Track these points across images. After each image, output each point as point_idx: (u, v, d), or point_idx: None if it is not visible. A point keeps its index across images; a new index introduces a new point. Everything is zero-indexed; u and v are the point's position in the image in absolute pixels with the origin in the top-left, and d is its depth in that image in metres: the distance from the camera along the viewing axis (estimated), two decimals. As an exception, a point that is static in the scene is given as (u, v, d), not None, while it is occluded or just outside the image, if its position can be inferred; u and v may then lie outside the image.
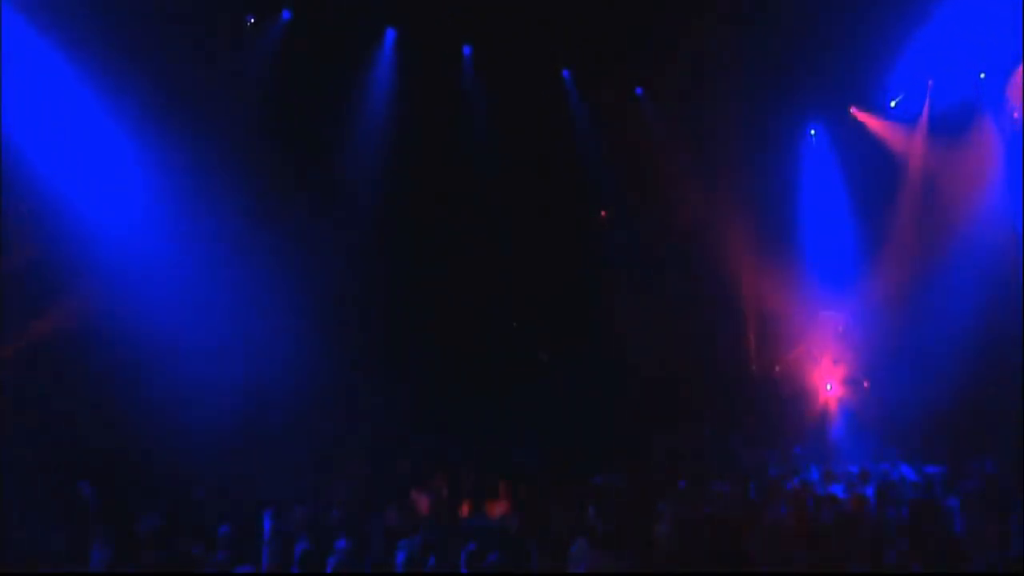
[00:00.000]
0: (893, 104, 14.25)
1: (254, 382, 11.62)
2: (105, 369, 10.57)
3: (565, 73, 14.69)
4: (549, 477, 10.51)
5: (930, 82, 13.75)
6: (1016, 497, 8.40)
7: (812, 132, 15.74)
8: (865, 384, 15.10)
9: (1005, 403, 12.16)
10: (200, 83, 11.32)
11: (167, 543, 6.62)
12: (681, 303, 15.00)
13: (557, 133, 14.44)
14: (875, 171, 14.54)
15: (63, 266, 10.38)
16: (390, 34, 13.36)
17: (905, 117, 14.32)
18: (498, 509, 9.19)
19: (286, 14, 12.52)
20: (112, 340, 10.67)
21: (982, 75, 13.52)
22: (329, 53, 12.45)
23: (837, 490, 9.52)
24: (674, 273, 15.16)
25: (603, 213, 15.88)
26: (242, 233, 11.73)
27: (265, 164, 12.13)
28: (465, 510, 9.43)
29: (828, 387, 15.47)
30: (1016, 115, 13.06)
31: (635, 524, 7.89)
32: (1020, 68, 12.26)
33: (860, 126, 14.92)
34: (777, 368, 15.90)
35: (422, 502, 9.39)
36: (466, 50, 13.93)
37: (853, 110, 14.95)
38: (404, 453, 11.72)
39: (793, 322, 15.73)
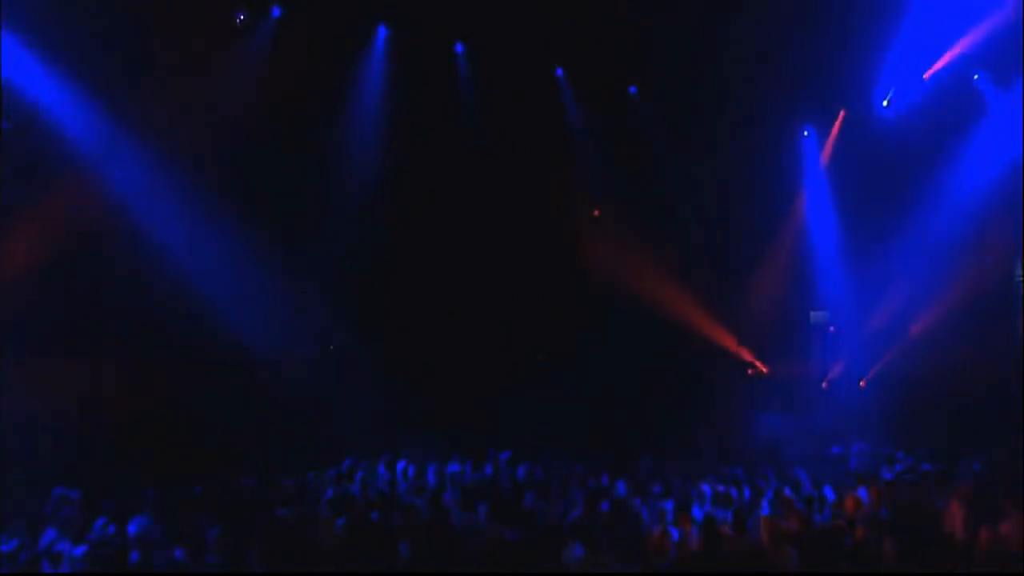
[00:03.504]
0: (885, 103, 14.25)
1: (251, 382, 11.80)
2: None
3: (558, 71, 14.65)
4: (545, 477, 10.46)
5: (925, 78, 13.74)
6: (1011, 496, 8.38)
7: (805, 133, 15.75)
8: (862, 383, 15.14)
9: (1003, 400, 12.27)
10: (190, 80, 11.25)
11: (153, 547, 6.54)
12: (678, 301, 15.01)
13: (550, 131, 14.39)
14: (869, 170, 14.53)
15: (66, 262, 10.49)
16: (381, 31, 13.31)
17: (898, 116, 14.32)
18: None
19: (276, 11, 12.45)
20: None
21: (976, 76, 13.58)
22: (320, 51, 12.38)
23: (828, 491, 9.48)
24: (670, 271, 15.16)
25: (596, 212, 15.83)
26: (235, 231, 11.71)
27: (257, 161, 12.08)
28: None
29: (824, 385, 15.54)
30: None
31: (632, 525, 7.85)
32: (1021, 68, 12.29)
33: (854, 125, 14.96)
34: (771, 368, 15.90)
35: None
36: (458, 47, 13.87)
37: (846, 110, 15.04)
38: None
39: (788, 320, 15.77)
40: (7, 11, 9.60)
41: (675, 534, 7.86)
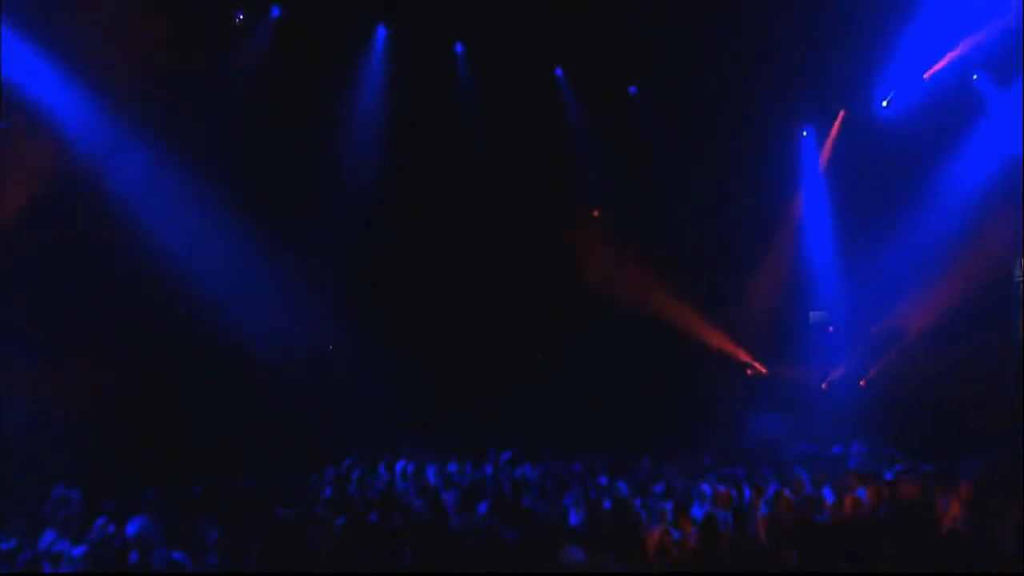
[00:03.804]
0: (885, 103, 14.26)
1: (251, 382, 11.84)
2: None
3: (558, 71, 14.65)
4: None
5: (925, 78, 13.75)
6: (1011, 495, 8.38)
7: (804, 133, 15.76)
8: (862, 383, 15.15)
9: (1003, 400, 12.28)
10: (190, 80, 11.26)
11: (153, 547, 6.53)
12: (677, 301, 15.01)
13: (550, 131, 14.39)
14: (868, 170, 14.54)
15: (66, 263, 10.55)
16: (381, 31, 13.31)
17: (898, 116, 14.32)
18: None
19: (276, 11, 12.45)
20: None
21: (976, 76, 13.59)
22: (320, 51, 12.38)
23: (827, 492, 9.48)
24: (669, 271, 15.17)
25: (595, 212, 15.84)
26: (235, 231, 11.72)
27: (257, 161, 12.09)
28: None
29: (824, 385, 15.53)
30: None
31: (628, 525, 7.84)
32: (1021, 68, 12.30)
33: (853, 125, 14.97)
34: (770, 368, 15.90)
35: None
36: (458, 47, 13.87)
37: (846, 110, 15.06)
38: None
39: (787, 320, 15.78)
40: (7, 9, 9.60)
41: (675, 534, 7.86)
